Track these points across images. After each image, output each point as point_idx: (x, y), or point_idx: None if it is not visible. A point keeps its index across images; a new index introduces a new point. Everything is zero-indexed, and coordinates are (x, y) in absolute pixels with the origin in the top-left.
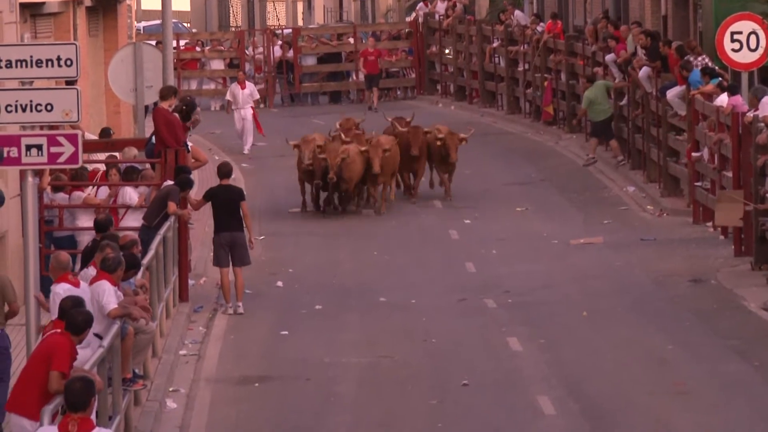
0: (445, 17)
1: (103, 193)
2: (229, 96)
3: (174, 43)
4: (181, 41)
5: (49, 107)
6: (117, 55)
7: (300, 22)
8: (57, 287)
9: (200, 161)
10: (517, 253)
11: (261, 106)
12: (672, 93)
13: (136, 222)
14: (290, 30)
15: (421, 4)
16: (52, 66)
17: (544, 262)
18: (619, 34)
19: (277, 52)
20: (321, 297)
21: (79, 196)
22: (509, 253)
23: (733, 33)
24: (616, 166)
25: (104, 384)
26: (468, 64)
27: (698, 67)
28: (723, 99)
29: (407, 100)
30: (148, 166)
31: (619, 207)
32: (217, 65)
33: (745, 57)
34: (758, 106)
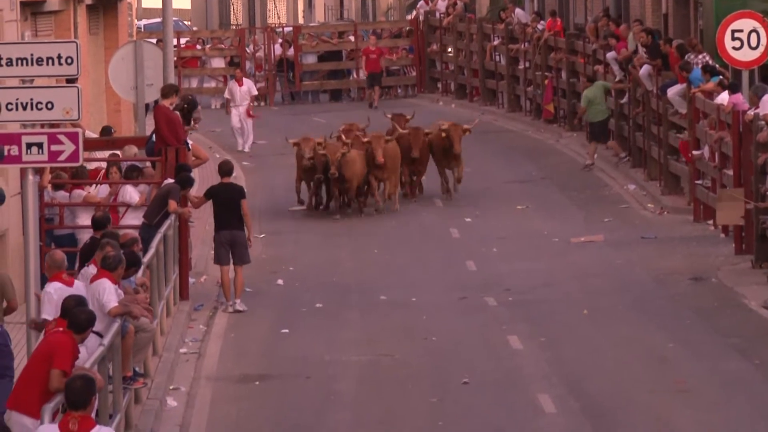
0: (446, 15)
1: (103, 191)
2: (227, 94)
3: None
4: (181, 39)
5: (49, 105)
6: (117, 53)
7: (301, 20)
8: (48, 286)
9: (201, 159)
10: (518, 252)
11: (262, 104)
12: (673, 91)
13: (137, 220)
14: (291, 28)
15: (421, 2)
16: (53, 64)
17: (545, 260)
18: (619, 32)
19: (278, 50)
20: (321, 295)
21: (80, 194)
22: (510, 252)
23: (733, 31)
24: (617, 164)
25: (105, 382)
26: (469, 62)
27: (699, 65)
28: (724, 97)
29: (408, 98)
30: (148, 165)
31: (619, 205)
32: (217, 63)
33: (746, 55)
34: (759, 104)
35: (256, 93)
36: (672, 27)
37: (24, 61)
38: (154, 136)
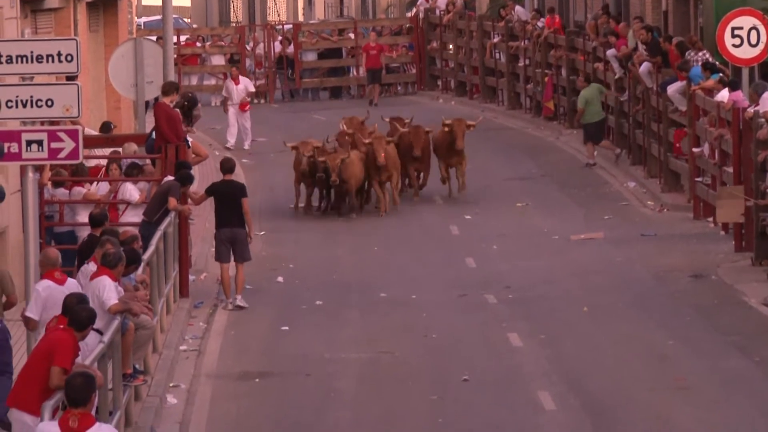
0: (446, 13)
1: (103, 188)
2: (225, 92)
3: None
4: (181, 37)
5: (49, 103)
6: (117, 50)
7: (300, 18)
8: (38, 285)
9: (201, 157)
10: (518, 249)
11: (261, 101)
12: (672, 88)
13: (137, 217)
14: (291, 25)
15: None
16: (53, 61)
17: (545, 258)
18: (619, 29)
19: (278, 47)
20: (321, 293)
21: (80, 191)
22: (510, 249)
23: (733, 28)
24: (616, 160)
25: (105, 379)
26: (468, 60)
27: (699, 62)
28: (724, 94)
29: (408, 96)
30: (148, 162)
31: (619, 202)
32: (217, 61)
33: (746, 52)
34: (759, 102)
35: (253, 90)
36: (672, 24)
37: (24, 59)
38: (154, 133)
